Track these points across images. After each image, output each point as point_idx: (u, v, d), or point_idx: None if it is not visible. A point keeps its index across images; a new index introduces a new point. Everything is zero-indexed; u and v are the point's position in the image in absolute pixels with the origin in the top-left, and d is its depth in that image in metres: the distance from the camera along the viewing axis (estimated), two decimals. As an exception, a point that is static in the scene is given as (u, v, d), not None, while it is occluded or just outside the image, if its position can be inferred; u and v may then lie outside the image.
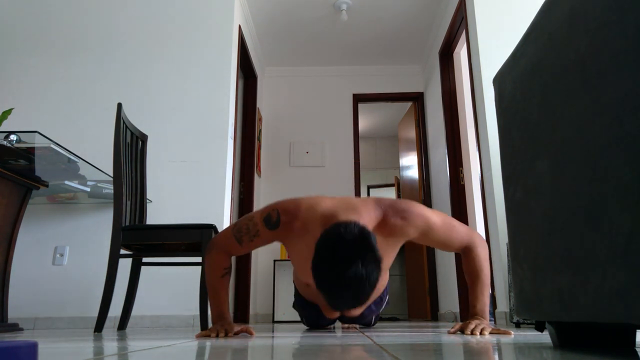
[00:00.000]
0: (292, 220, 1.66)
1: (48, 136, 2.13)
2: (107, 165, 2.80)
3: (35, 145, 2.19)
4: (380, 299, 2.28)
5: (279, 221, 1.66)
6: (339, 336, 1.64)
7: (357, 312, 1.63)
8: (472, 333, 1.64)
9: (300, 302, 2.38)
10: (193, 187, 3.15)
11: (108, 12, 3.53)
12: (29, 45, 3.44)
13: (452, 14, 3.64)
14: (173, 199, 3.12)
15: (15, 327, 2.40)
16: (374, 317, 2.49)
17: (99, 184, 2.81)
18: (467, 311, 3.56)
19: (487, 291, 1.84)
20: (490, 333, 1.66)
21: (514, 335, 1.61)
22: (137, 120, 3.14)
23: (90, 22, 3.50)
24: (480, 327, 1.67)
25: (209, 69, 3.40)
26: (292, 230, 1.67)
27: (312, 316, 2.34)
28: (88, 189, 2.88)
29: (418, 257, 4.85)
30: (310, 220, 1.63)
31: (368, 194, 7.07)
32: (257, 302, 4.41)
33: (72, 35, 3.47)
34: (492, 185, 2.80)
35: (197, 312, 2.81)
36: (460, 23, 3.57)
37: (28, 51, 3.42)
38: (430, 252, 4.58)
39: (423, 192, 4.76)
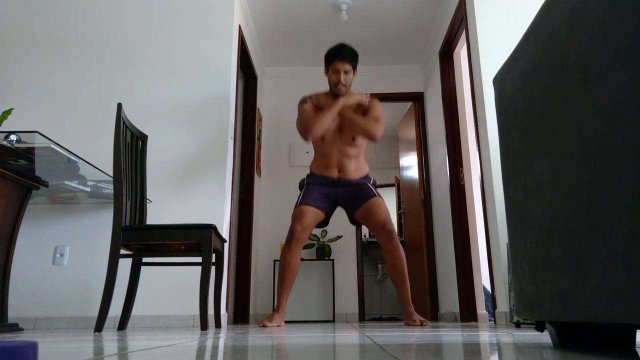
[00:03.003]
0: (310, 97, 3.06)
1: (48, 136, 2.13)
2: (107, 165, 2.80)
3: (35, 145, 2.19)
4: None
5: (305, 99, 3.05)
6: (338, 336, 1.64)
7: (351, 152, 3.05)
8: None
9: (305, 189, 3.01)
10: (193, 187, 3.15)
11: (108, 12, 3.53)
12: (29, 45, 3.44)
13: (452, 14, 3.64)
14: (173, 199, 3.12)
15: (15, 327, 2.40)
16: (370, 185, 3.05)
17: (99, 184, 2.81)
18: (467, 311, 3.58)
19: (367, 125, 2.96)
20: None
21: (514, 334, 1.61)
22: (137, 120, 3.14)
23: (90, 22, 3.50)
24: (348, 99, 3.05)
25: (209, 69, 3.40)
26: (313, 99, 3.03)
27: (314, 195, 2.95)
28: (88, 189, 2.88)
29: (418, 257, 4.85)
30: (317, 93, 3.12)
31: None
32: (257, 302, 4.41)
33: (72, 35, 3.47)
34: (492, 185, 2.80)
35: (197, 312, 2.82)
36: (460, 23, 3.57)
37: (28, 51, 3.42)
38: (431, 252, 4.58)
39: (423, 192, 4.76)
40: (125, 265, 2.70)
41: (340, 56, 2.94)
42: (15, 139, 2.10)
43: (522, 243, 1.08)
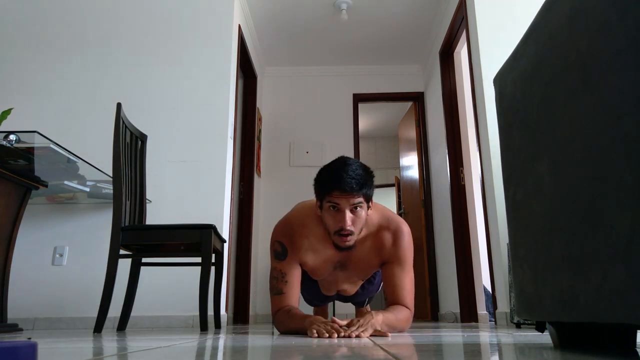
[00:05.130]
0: (292, 235, 1.77)
1: (48, 136, 2.13)
2: (107, 165, 2.79)
3: (35, 145, 2.19)
4: (373, 277, 2.14)
5: (285, 248, 1.76)
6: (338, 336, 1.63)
7: (352, 288, 2.00)
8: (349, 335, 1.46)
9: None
10: (193, 187, 3.15)
11: (108, 12, 3.53)
12: (29, 45, 3.44)
13: (453, 14, 3.64)
14: (173, 199, 3.12)
15: (14, 328, 2.40)
16: (367, 300, 2.43)
17: (98, 184, 2.80)
18: (468, 311, 3.58)
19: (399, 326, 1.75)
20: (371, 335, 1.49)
21: (514, 335, 1.61)
22: (137, 120, 3.13)
23: (90, 22, 3.50)
24: (361, 329, 1.50)
25: (209, 69, 3.40)
26: (300, 244, 1.76)
27: (311, 292, 2.28)
28: (87, 189, 2.87)
29: (418, 257, 4.84)
30: (305, 220, 1.79)
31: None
32: (257, 303, 4.41)
33: (72, 35, 3.46)
34: (492, 186, 2.80)
35: (197, 312, 2.81)
36: (460, 22, 3.57)
37: (28, 51, 3.42)
38: (431, 252, 4.57)
39: (423, 192, 4.76)
40: (124, 266, 2.70)
41: (342, 185, 1.63)
42: (14, 139, 2.10)
43: (523, 243, 1.08)
